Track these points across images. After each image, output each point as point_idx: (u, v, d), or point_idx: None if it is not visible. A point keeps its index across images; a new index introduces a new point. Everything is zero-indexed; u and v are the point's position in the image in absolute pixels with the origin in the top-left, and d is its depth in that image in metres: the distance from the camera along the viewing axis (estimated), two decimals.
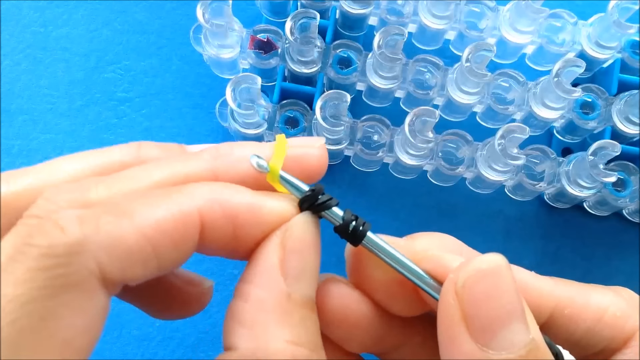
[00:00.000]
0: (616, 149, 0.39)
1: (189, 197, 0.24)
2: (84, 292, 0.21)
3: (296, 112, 0.42)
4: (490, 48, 0.40)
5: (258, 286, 0.24)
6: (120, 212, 0.22)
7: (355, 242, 0.25)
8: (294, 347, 0.23)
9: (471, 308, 0.22)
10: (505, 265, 0.23)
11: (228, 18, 0.40)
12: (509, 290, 0.22)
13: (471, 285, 0.22)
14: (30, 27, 0.49)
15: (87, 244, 0.21)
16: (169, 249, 0.23)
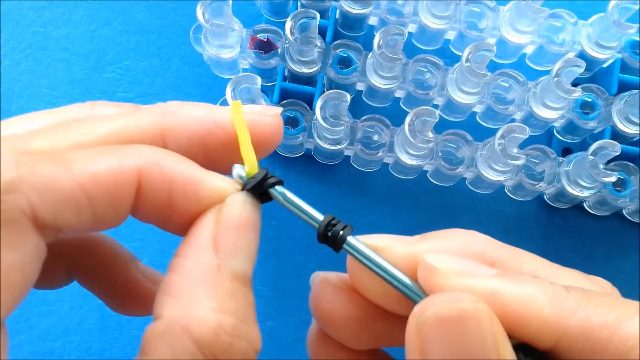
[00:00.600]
0: (616, 149, 0.39)
1: (130, 155, 0.24)
2: (15, 229, 0.22)
3: (296, 112, 0.42)
4: (490, 48, 0.40)
5: (188, 258, 0.25)
6: (58, 160, 0.23)
7: (336, 248, 0.25)
8: (220, 316, 0.23)
9: (429, 348, 0.22)
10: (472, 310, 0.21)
11: (228, 18, 0.40)
12: (470, 340, 0.21)
13: (430, 327, 0.22)
14: (30, 27, 0.49)
15: (20, 184, 0.22)
16: (104, 203, 0.24)
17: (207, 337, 0.23)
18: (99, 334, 0.43)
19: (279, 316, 0.44)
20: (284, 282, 0.45)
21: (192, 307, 0.23)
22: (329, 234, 0.25)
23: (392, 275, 0.24)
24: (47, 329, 0.43)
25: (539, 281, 0.23)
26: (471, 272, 0.24)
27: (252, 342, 0.25)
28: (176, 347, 0.23)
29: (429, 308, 0.22)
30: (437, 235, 0.27)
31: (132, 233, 0.45)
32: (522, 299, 0.22)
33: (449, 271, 0.23)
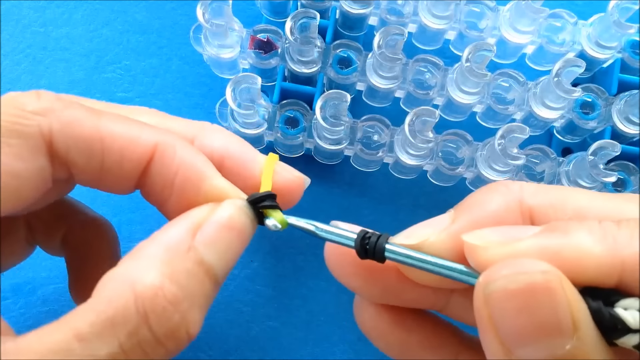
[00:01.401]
0: (616, 149, 0.39)
1: (155, 132, 0.27)
2: (27, 143, 0.24)
3: (296, 112, 0.42)
4: (490, 48, 0.40)
5: (165, 232, 0.26)
6: (91, 110, 0.26)
7: (379, 260, 0.26)
8: (166, 280, 0.24)
9: (498, 318, 0.22)
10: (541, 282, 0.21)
11: (228, 18, 0.40)
12: (540, 309, 0.21)
13: (497, 299, 0.22)
14: (30, 27, 0.49)
15: (50, 112, 0.25)
16: (115, 159, 0.26)
17: (146, 293, 0.24)
18: None
19: (279, 316, 0.44)
20: (284, 282, 0.45)
21: (145, 265, 0.24)
22: (367, 249, 0.26)
23: (441, 266, 0.25)
24: None
25: (585, 224, 0.23)
26: (513, 237, 0.23)
27: (187, 323, 0.25)
28: (116, 292, 0.24)
29: (496, 280, 0.22)
30: (469, 206, 0.27)
31: (132, 233, 0.45)
32: (571, 248, 0.22)
33: (489, 244, 0.23)
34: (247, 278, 0.45)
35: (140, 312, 0.23)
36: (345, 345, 0.44)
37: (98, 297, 0.24)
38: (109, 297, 0.24)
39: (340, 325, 0.44)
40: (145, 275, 0.24)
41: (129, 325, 0.23)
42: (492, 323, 0.22)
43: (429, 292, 0.29)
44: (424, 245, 0.26)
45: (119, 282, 0.24)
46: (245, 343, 0.44)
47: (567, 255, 0.22)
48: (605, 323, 0.21)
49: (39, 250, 0.44)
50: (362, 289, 0.29)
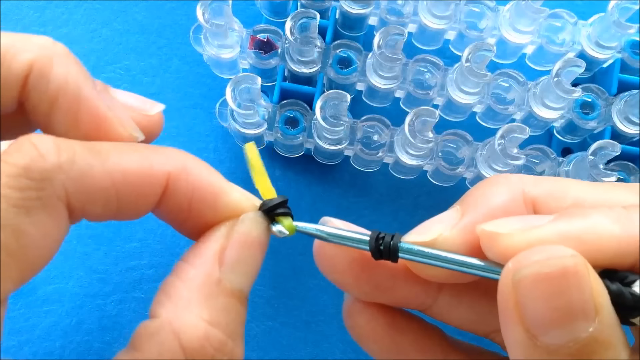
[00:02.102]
0: (616, 149, 0.39)
1: (162, 158, 0.26)
2: (52, 216, 0.23)
3: (296, 112, 0.42)
4: (490, 48, 0.40)
5: (193, 265, 0.26)
6: (96, 151, 0.24)
7: (393, 260, 0.26)
8: (209, 327, 0.25)
9: (527, 304, 0.22)
10: (571, 267, 0.21)
11: (228, 18, 0.40)
12: (570, 293, 0.21)
13: (528, 285, 0.22)
14: (30, 27, 0.49)
15: (61, 172, 0.23)
16: (130, 199, 0.25)
17: (194, 346, 0.24)
18: (99, 334, 0.43)
19: (278, 316, 0.44)
20: (284, 282, 0.45)
21: (186, 313, 0.25)
22: (381, 249, 0.26)
23: (457, 262, 0.25)
24: (47, 329, 0.43)
25: (599, 210, 0.23)
26: (532, 224, 0.24)
27: (234, 358, 0.26)
28: (164, 348, 0.24)
29: (528, 266, 0.22)
30: (475, 200, 0.27)
31: (132, 233, 0.45)
32: (592, 231, 0.23)
33: (512, 231, 0.24)
34: None
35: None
36: (345, 345, 0.44)
37: (145, 353, 0.24)
38: (159, 353, 0.24)
39: (340, 326, 0.44)
40: (187, 327, 0.24)
41: None
42: (519, 310, 0.22)
43: (419, 290, 0.29)
44: (437, 241, 0.26)
45: (163, 337, 0.24)
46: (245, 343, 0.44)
47: (588, 238, 0.23)
48: (627, 303, 0.22)
49: None
50: (352, 287, 0.29)
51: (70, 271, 0.44)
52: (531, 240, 0.23)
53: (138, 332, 0.25)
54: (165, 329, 0.24)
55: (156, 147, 0.27)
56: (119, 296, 0.44)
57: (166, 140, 0.47)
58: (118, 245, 0.45)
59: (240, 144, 0.46)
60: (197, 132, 0.47)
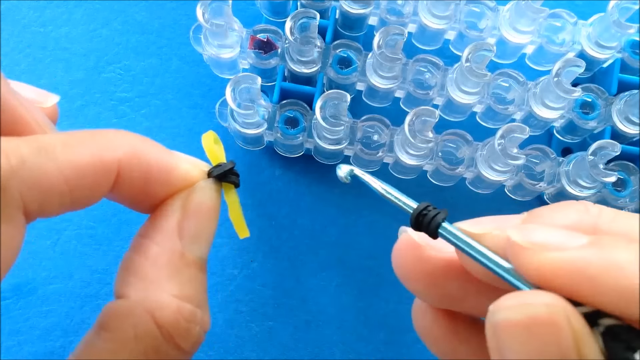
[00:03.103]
0: (616, 149, 0.39)
1: (111, 145, 0.25)
2: (11, 224, 0.22)
3: (296, 112, 0.42)
4: (490, 48, 0.40)
5: (155, 242, 0.27)
6: (43, 149, 0.23)
7: (431, 235, 0.25)
8: (180, 302, 0.25)
9: (504, 349, 0.21)
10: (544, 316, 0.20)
11: (228, 18, 0.40)
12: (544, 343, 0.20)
13: (502, 330, 0.21)
14: (30, 26, 0.49)
15: (14, 178, 0.22)
16: (84, 191, 0.25)
17: (168, 321, 0.25)
18: None
19: (278, 316, 0.44)
20: (284, 282, 0.45)
21: (156, 291, 0.25)
22: (421, 221, 0.26)
23: (489, 259, 0.24)
24: (47, 329, 0.43)
25: (634, 246, 0.21)
26: (558, 244, 0.22)
27: (204, 325, 0.27)
28: (139, 328, 0.24)
29: (500, 311, 0.21)
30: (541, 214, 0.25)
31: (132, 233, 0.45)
32: (612, 269, 0.20)
33: (532, 246, 0.22)
34: (247, 278, 0.45)
35: (167, 339, 0.25)
36: (345, 345, 0.44)
37: (119, 333, 0.24)
38: (136, 335, 0.24)
39: (340, 326, 0.44)
40: (160, 304, 0.25)
41: (161, 354, 0.25)
42: (500, 353, 0.21)
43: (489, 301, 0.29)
44: (484, 236, 0.25)
45: (137, 317, 0.25)
46: (245, 343, 0.44)
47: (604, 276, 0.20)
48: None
49: (38, 250, 0.44)
50: (425, 295, 0.29)
51: (70, 271, 0.44)
52: (547, 262, 0.22)
53: (107, 314, 0.25)
54: (138, 309, 0.25)
55: (101, 133, 0.26)
56: None
57: (166, 141, 0.47)
58: (118, 245, 0.45)
59: (241, 144, 0.46)
60: (197, 132, 0.47)
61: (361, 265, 0.46)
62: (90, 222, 0.45)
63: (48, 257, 0.45)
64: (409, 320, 0.45)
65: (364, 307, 0.45)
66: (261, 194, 0.46)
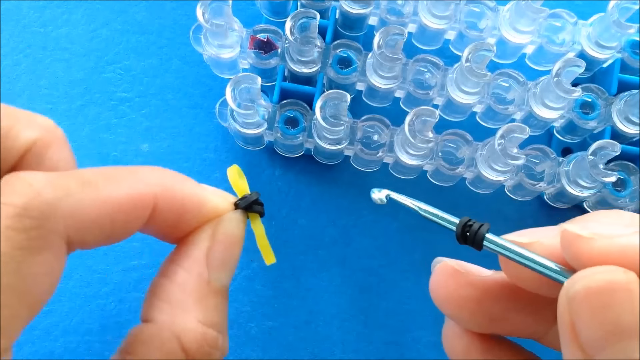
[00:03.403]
0: (616, 149, 0.39)
1: (148, 181, 0.27)
2: (54, 254, 0.23)
3: (296, 112, 0.42)
4: (490, 48, 0.40)
5: (184, 269, 0.28)
6: (87, 183, 0.24)
7: (477, 247, 0.26)
8: (205, 328, 0.26)
9: (579, 321, 0.22)
10: (623, 282, 0.21)
11: (228, 18, 0.40)
12: (620, 309, 0.21)
13: (580, 300, 0.21)
14: (30, 27, 0.49)
15: (58, 208, 0.23)
16: (120, 225, 0.25)
17: (193, 347, 0.26)
18: (99, 334, 0.43)
19: (278, 316, 0.44)
20: (284, 282, 0.45)
21: (183, 316, 0.26)
22: (467, 234, 0.26)
23: (535, 261, 0.24)
24: (47, 329, 0.43)
25: None
26: (614, 233, 0.23)
27: (224, 351, 0.28)
28: (165, 351, 0.25)
29: (578, 281, 0.22)
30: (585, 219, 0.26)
31: None
32: None
33: (594, 235, 0.23)
34: (247, 278, 0.45)
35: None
36: (345, 345, 0.44)
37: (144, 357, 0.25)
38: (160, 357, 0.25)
39: (340, 326, 0.44)
40: (186, 329, 0.26)
41: None
42: (573, 328, 0.22)
43: (531, 320, 0.29)
44: (533, 245, 0.25)
45: (163, 341, 0.26)
46: (245, 343, 0.44)
47: None
48: None
49: None
50: (467, 321, 0.29)
51: (70, 271, 0.44)
52: (611, 247, 0.22)
53: (134, 337, 0.26)
54: (165, 333, 0.26)
55: (138, 170, 0.27)
56: (119, 296, 0.44)
57: (166, 141, 0.47)
58: (118, 245, 0.45)
59: (241, 144, 0.46)
60: (197, 132, 0.47)
61: (361, 265, 0.46)
62: None
63: None
64: (409, 320, 0.45)
65: (364, 307, 0.45)
66: (261, 193, 0.46)
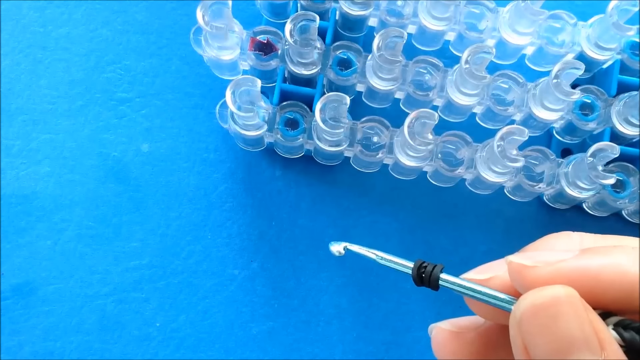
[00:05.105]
0: (615, 152, 0.39)
1: None
2: None
3: (296, 113, 0.42)
4: (489, 50, 0.40)
5: None
6: None
7: (434, 288, 0.27)
8: None
9: (529, 340, 0.22)
10: (562, 296, 0.22)
11: (228, 20, 0.40)
12: (566, 322, 0.21)
13: (527, 320, 0.22)
14: (30, 26, 0.49)
15: None
16: None
17: None
18: (99, 334, 0.44)
19: (278, 316, 0.44)
20: (284, 282, 0.45)
21: None
22: (423, 276, 0.27)
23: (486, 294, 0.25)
24: (47, 329, 0.44)
25: (621, 248, 0.23)
26: (558, 258, 0.24)
27: None
28: None
29: (524, 301, 0.22)
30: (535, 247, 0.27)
31: (132, 233, 0.45)
32: (611, 267, 0.23)
33: (537, 263, 0.24)
34: (247, 278, 0.45)
35: None
36: (345, 345, 0.44)
37: None
38: None
39: (340, 326, 0.45)
40: None
41: None
42: (526, 348, 0.22)
43: None
44: (490, 280, 0.26)
45: None
46: (245, 343, 0.44)
47: (606, 274, 0.23)
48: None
49: (38, 250, 0.44)
50: None
51: (70, 271, 0.44)
52: (553, 272, 0.23)
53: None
54: None
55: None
56: (119, 296, 0.44)
57: (167, 141, 0.47)
58: (118, 245, 0.45)
59: (241, 145, 0.46)
60: (198, 132, 0.47)
61: (361, 265, 0.46)
62: (90, 222, 0.45)
63: (48, 257, 0.45)
64: (408, 321, 0.45)
65: (364, 307, 0.45)
66: (261, 194, 0.46)
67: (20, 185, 0.46)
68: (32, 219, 0.45)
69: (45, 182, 0.46)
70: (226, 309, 0.44)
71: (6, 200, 0.45)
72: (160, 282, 0.45)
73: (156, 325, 0.44)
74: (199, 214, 0.46)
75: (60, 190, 0.46)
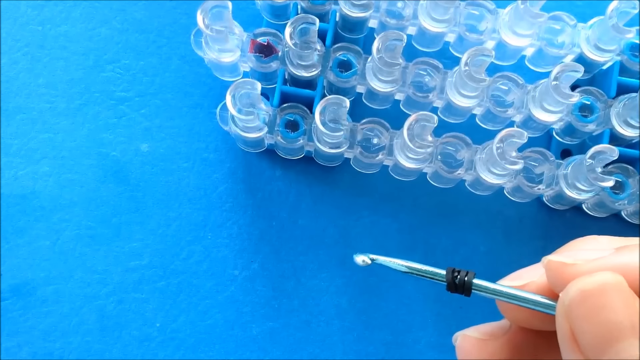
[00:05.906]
0: (614, 154, 0.39)
1: None
2: None
3: (296, 115, 0.42)
4: (488, 53, 0.40)
5: None
6: None
7: (467, 294, 0.27)
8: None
9: (578, 327, 0.22)
10: (611, 282, 0.22)
11: (228, 22, 0.40)
12: (615, 308, 0.21)
13: (576, 306, 0.22)
14: (29, 25, 0.49)
15: None
16: None
17: None
18: (99, 335, 0.44)
19: (279, 317, 0.44)
20: (284, 282, 0.45)
21: None
22: (456, 283, 0.27)
23: (524, 298, 0.25)
24: (46, 330, 0.44)
25: None
26: (596, 256, 0.24)
27: None
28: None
29: (572, 287, 0.22)
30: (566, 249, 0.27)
31: (132, 233, 0.45)
32: None
33: (577, 261, 0.24)
34: (247, 279, 0.45)
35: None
36: (346, 346, 0.45)
37: None
38: None
39: (340, 326, 0.45)
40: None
41: None
42: (573, 335, 0.22)
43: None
44: (527, 286, 0.26)
45: None
46: (246, 344, 0.44)
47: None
48: None
49: (38, 249, 0.44)
50: None
51: (69, 271, 0.44)
52: (594, 270, 0.23)
53: None
54: None
55: None
56: (119, 296, 0.44)
57: (166, 141, 0.47)
58: (118, 246, 0.45)
59: (242, 146, 0.46)
60: (198, 132, 0.47)
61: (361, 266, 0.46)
62: (90, 223, 0.45)
63: (47, 257, 0.45)
64: (409, 321, 0.46)
65: (364, 307, 0.45)
66: (262, 194, 0.46)
67: (19, 185, 0.46)
68: (31, 219, 0.45)
69: (44, 182, 0.46)
70: (226, 310, 0.44)
71: (5, 200, 0.45)
72: (160, 283, 0.45)
73: (156, 325, 0.44)
74: (199, 214, 0.46)
75: (59, 190, 0.46)
